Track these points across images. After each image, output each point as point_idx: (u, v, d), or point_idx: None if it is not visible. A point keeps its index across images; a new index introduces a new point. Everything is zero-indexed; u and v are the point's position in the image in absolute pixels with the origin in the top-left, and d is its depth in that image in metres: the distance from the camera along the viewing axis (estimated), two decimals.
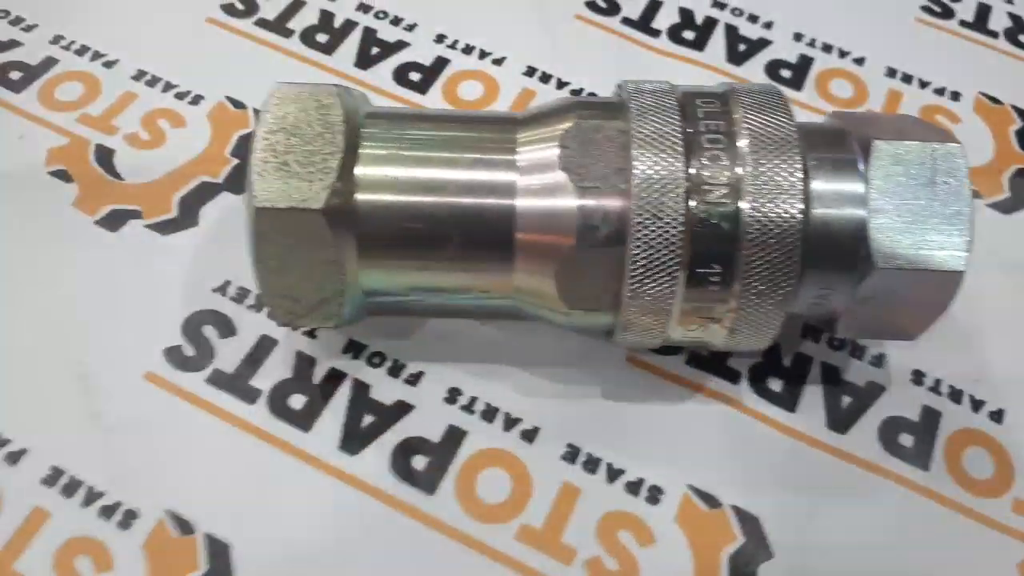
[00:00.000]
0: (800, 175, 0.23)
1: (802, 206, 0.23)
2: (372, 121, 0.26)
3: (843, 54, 0.38)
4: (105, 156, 0.33)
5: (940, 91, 0.37)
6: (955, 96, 0.37)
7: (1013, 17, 0.40)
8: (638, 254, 0.23)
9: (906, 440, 0.28)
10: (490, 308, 0.28)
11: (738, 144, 0.24)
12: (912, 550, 0.26)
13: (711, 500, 0.27)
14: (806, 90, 0.37)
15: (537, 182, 0.25)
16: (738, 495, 0.27)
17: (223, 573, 0.25)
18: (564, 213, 0.24)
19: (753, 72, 0.37)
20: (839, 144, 0.25)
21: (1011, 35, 0.40)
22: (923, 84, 0.37)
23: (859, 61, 0.38)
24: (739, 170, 0.23)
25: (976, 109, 0.37)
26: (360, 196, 0.24)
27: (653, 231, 0.23)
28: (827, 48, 0.38)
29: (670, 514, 0.26)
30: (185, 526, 0.25)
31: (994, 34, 0.40)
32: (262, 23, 0.38)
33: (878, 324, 0.26)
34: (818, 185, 0.24)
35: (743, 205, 0.23)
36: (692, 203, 0.23)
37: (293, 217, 0.23)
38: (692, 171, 0.24)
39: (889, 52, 0.38)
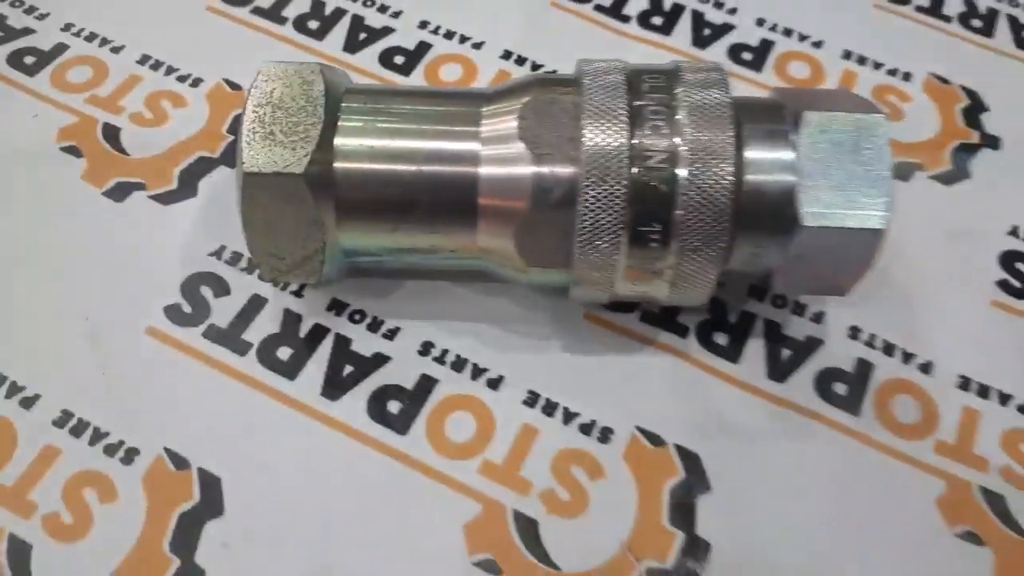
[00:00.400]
0: (731, 143, 0.26)
1: (732, 170, 0.26)
2: (351, 96, 0.29)
3: (803, 38, 0.41)
4: (112, 133, 0.36)
5: (893, 72, 0.40)
6: (906, 77, 0.39)
7: (967, 2, 0.42)
8: (586, 215, 0.26)
9: (840, 388, 0.31)
10: (460, 268, 0.31)
11: (677, 116, 0.26)
12: (840, 486, 0.29)
13: (656, 439, 0.29)
14: (766, 71, 0.39)
15: (497, 152, 0.27)
16: (681, 435, 0.29)
17: (215, 503, 0.28)
18: (521, 179, 0.27)
19: (716, 55, 0.40)
20: (774, 116, 0.28)
21: (964, 19, 0.42)
22: (877, 66, 0.40)
23: (817, 44, 0.40)
24: (677, 139, 0.26)
25: (925, 88, 0.39)
26: (338, 164, 0.27)
27: (599, 194, 0.26)
28: (787, 32, 0.41)
29: (618, 451, 0.29)
30: (181, 462, 0.28)
31: (947, 18, 0.42)
32: (258, 11, 0.41)
33: (810, 280, 0.28)
34: (752, 153, 0.27)
35: (679, 171, 0.26)
36: (634, 169, 0.26)
37: (277, 181, 0.26)
38: (635, 140, 0.26)
39: (846, 36, 0.41)
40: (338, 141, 0.27)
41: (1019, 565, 0.28)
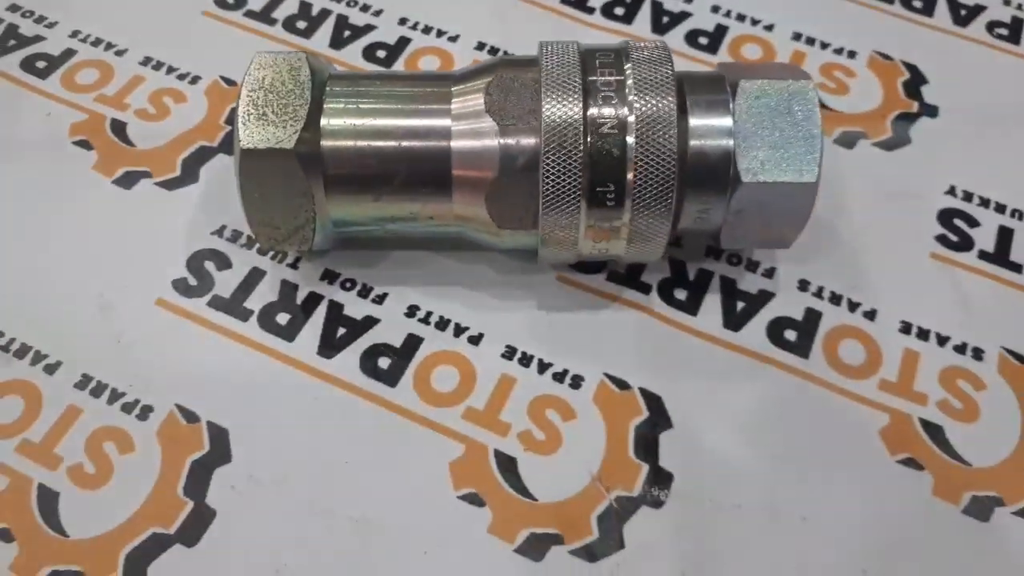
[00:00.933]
0: (673, 112, 0.29)
1: (674, 135, 0.28)
2: (335, 80, 0.32)
3: (755, 22, 0.44)
4: (119, 128, 0.39)
5: (839, 51, 0.43)
6: (851, 55, 0.43)
7: None
8: (548, 179, 0.29)
9: (790, 335, 0.34)
10: (440, 235, 0.34)
11: (626, 89, 0.29)
12: (791, 420, 0.32)
13: (622, 384, 0.32)
14: (720, 54, 0.42)
15: (467, 126, 0.30)
16: (645, 380, 0.32)
17: (222, 451, 0.31)
18: (489, 150, 0.30)
19: (674, 40, 0.43)
20: (715, 87, 0.31)
21: (906, 0, 0.45)
22: (824, 45, 0.43)
23: (769, 28, 0.43)
24: (625, 110, 0.29)
25: (869, 65, 0.42)
26: (325, 141, 0.30)
27: (558, 159, 0.29)
28: (741, 17, 0.44)
29: (588, 396, 0.32)
30: (191, 416, 0.31)
31: (890, 0, 0.45)
32: (250, 14, 0.44)
33: (754, 234, 0.31)
34: (695, 121, 0.30)
35: (629, 138, 0.29)
36: (589, 137, 0.29)
37: (270, 156, 0.29)
38: (589, 111, 0.29)
39: (796, 19, 0.44)
40: (324, 121, 0.30)
41: (954, 486, 0.31)
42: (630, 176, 0.29)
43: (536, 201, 0.30)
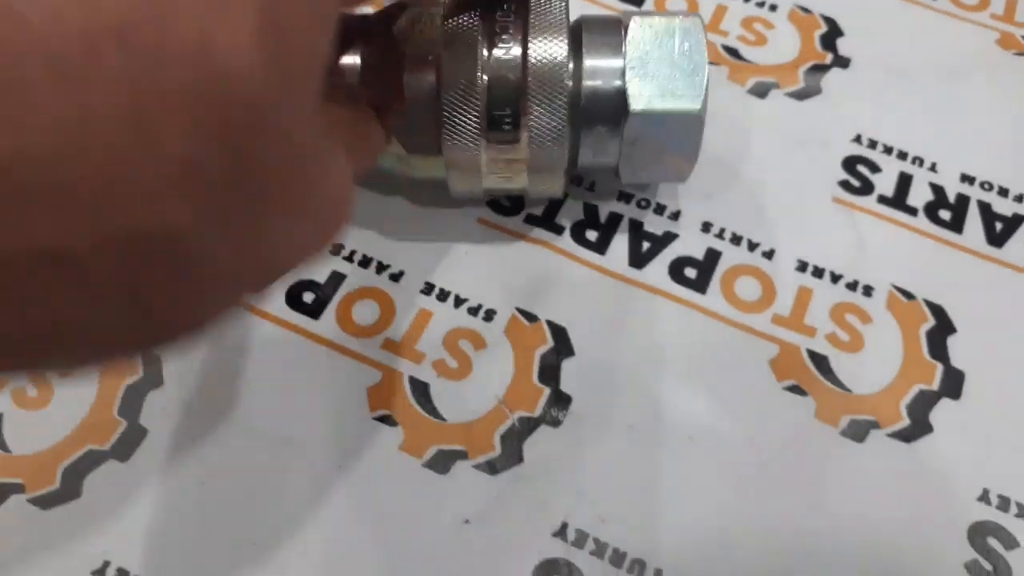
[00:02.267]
0: (565, 52, 0.31)
1: (568, 73, 0.31)
2: None
3: None
4: None
5: (761, 4, 0.44)
6: (772, 8, 0.44)
7: None
8: (449, 107, 0.31)
9: (690, 272, 0.36)
10: None
11: (524, 32, 0.31)
12: (685, 350, 0.34)
13: (531, 317, 0.35)
14: (646, 5, 0.44)
15: (379, 59, 0.32)
16: (552, 313, 0.35)
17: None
18: (395, 78, 0.32)
19: None
20: (610, 30, 0.33)
21: None
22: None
23: None
24: (520, 50, 0.31)
25: (790, 18, 0.44)
26: None
27: (458, 92, 0.31)
28: None
29: (500, 327, 0.34)
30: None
31: None
32: None
33: (648, 166, 0.33)
34: (589, 62, 0.32)
35: (525, 77, 0.31)
36: (488, 76, 0.31)
37: None
38: (489, 51, 0.31)
39: None
40: None
41: (835, 410, 0.33)
42: (526, 112, 0.31)
43: (441, 127, 0.32)
